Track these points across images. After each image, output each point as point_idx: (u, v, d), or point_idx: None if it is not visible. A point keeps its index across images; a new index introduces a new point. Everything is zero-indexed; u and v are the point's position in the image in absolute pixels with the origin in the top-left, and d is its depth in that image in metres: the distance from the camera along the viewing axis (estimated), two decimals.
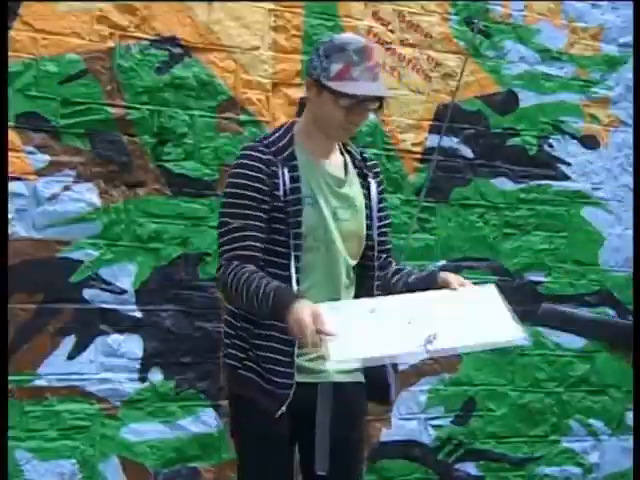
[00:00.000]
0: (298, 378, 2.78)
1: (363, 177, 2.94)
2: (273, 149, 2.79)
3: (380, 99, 2.84)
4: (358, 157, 2.97)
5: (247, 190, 2.75)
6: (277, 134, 2.87)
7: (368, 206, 2.91)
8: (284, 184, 2.76)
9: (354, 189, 2.90)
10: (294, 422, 2.81)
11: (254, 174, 2.76)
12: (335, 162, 2.91)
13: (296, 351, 2.74)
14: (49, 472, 3.90)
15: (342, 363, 2.61)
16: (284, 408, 2.74)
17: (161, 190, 4.10)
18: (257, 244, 2.74)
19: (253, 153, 2.78)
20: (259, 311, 2.68)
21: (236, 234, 2.74)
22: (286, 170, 2.77)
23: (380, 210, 2.96)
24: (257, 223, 2.74)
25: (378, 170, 3.01)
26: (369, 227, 2.90)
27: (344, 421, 2.85)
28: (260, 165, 2.76)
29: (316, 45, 2.85)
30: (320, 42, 2.85)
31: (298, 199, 2.77)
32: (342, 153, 2.94)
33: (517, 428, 4.81)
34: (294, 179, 2.78)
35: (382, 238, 2.95)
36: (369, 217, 2.91)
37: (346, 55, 2.77)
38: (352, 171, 2.93)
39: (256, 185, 2.75)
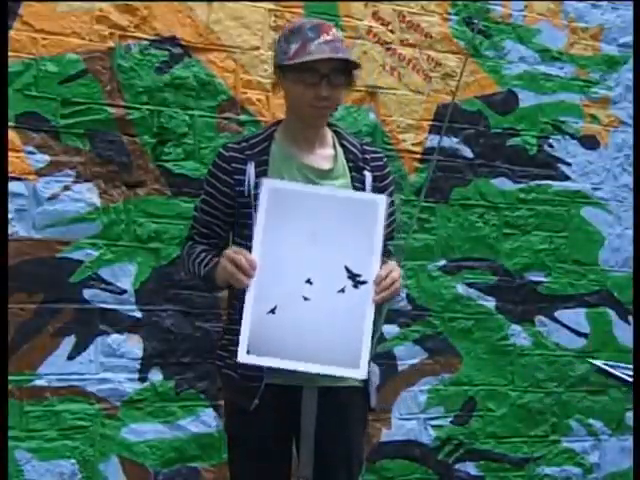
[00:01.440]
0: (281, 381, 2.78)
1: (358, 170, 2.92)
2: (243, 145, 2.90)
3: (344, 71, 2.84)
4: (355, 150, 2.94)
5: (208, 186, 2.94)
6: (259, 131, 3.01)
7: None
8: (249, 179, 2.84)
9: (340, 182, 2.89)
10: (285, 426, 2.82)
11: (215, 171, 2.92)
12: (320, 154, 2.91)
13: None
14: (49, 472, 3.90)
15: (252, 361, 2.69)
16: (257, 401, 2.77)
17: (161, 190, 4.10)
18: (211, 230, 2.91)
19: (220, 151, 2.95)
20: (201, 280, 2.90)
21: (195, 222, 2.98)
22: (252, 165, 2.85)
23: None
24: (215, 213, 2.91)
25: (379, 163, 2.99)
26: None
27: (333, 427, 2.84)
28: (221, 163, 2.91)
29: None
30: (280, 32, 2.95)
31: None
32: (335, 147, 2.94)
33: (517, 428, 4.81)
34: (260, 173, 2.84)
35: None
36: None
37: (302, 34, 2.81)
38: (342, 164, 2.92)
39: (214, 182, 2.91)
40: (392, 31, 4.54)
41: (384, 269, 2.76)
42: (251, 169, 2.85)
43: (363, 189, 2.90)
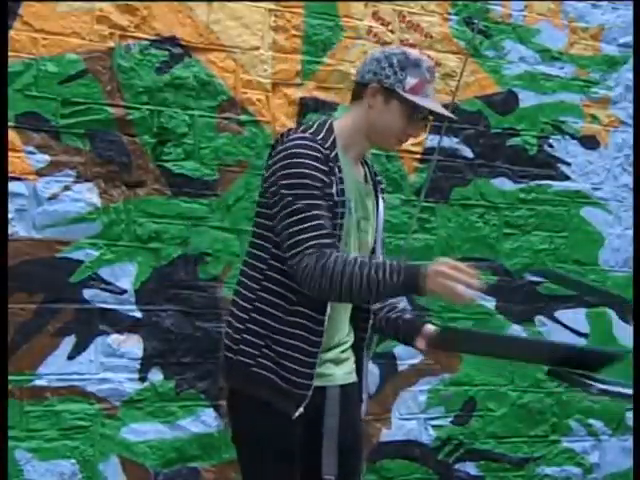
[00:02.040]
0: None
1: (376, 190, 2.94)
2: (326, 146, 2.74)
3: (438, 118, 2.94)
4: (372, 169, 2.96)
5: (314, 180, 2.68)
6: (321, 133, 2.78)
7: (376, 219, 2.91)
8: (336, 183, 2.73)
9: (371, 201, 2.90)
10: (309, 427, 2.80)
11: (317, 164, 2.69)
12: (360, 172, 2.90)
13: (320, 354, 2.73)
14: (49, 472, 3.90)
15: None
16: (302, 409, 2.71)
17: (161, 190, 4.10)
18: (331, 231, 2.68)
19: (313, 144, 2.71)
20: (381, 290, 2.60)
21: (315, 222, 2.65)
22: (337, 170, 2.74)
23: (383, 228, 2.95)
24: (325, 213, 2.68)
25: (383, 187, 3.02)
26: (375, 240, 2.90)
27: (349, 422, 2.85)
28: (321, 157, 2.70)
29: (383, 54, 2.82)
30: (388, 53, 2.83)
31: (344, 201, 2.74)
32: (363, 164, 2.94)
33: (517, 428, 4.81)
34: (342, 180, 2.75)
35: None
36: (376, 230, 2.91)
37: (421, 71, 2.80)
38: (370, 182, 2.92)
39: (319, 176, 2.69)
40: (392, 31, 4.54)
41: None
42: (337, 173, 2.73)
43: (378, 208, 2.91)
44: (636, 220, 4.90)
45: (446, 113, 2.90)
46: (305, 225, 2.64)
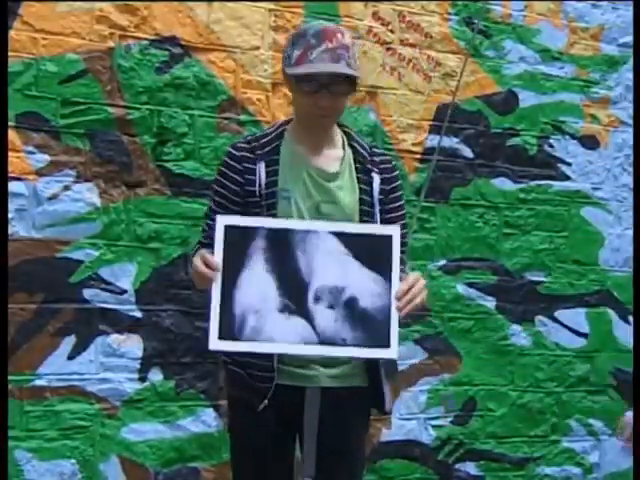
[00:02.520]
0: (286, 381, 2.79)
1: (366, 172, 2.91)
2: (254, 144, 2.86)
3: (347, 81, 2.79)
4: (364, 152, 2.92)
5: (218, 186, 2.91)
6: (269, 130, 2.94)
7: (368, 203, 2.87)
8: (259, 179, 2.81)
9: (346, 184, 2.87)
10: (288, 426, 2.82)
11: (225, 170, 2.88)
12: (328, 155, 2.89)
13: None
14: (49, 472, 3.90)
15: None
16: (266, 402, 2.77)
17: (161, 190, 4.10)
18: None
19: (230, 150, 2.91)
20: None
21: (205, 224, 2.95)
22: (263, 165, 2.82)
23: (386, 207, 2.92)
24: (226, 213, 2.84)
25: (388, 166, 2.96)
26: (365, 223, 2.85)
27: (334, 427, 2.85)
28: (232, 162, 2.87)
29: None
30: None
31: (273, 193, 2.80)
32: (344, 148, 2.92)
33: (517, 428, 4.81)
34: (271, 173, 2.82)
35: None
36: (367, 214, 2.87)
37: (305, 40, 2.77)
38: (350, 165, 2.90)
39: (224, 182, 2.88)
40: (392, 31, 4.54)
41: (405, 282, 2.72)
42: (262, 169, 2.82)
43: (371, 191, 2.88)
44: (636, 220, 4.89)
45: (328, 69, 2.74)
46: (201, 227, 3.01)
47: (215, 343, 2.71)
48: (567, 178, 4.93)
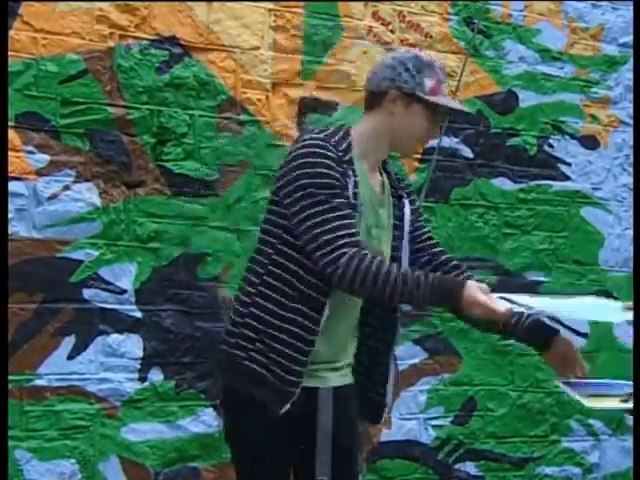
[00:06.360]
0: (306, 383, 2.78)
1: (397, 197, 2.93)
2: (340, 149, 2.75)
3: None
4: (394, 177, 2.96)
5: (331, 179, 2.70)
6: (337, 136, 2.79)
7: (399, 227, 2.90)
8: (351, 186, 2.74)
9: (386, 210, 2.89)
10: (293, 427, 2.81)
11: (332, 164, 2.70)
12: (376, 178, 2.89)
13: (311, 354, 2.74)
14: (49, 472, 3.90)
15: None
16: (288, 406, 2.72)
17: (161, 190, 4.10)
18: (356, 229, 2.73)
19: (326, 145, 2.72)
20: (417, 297, 2.65)
21: (340, 222, 2.67)
22: (351, 173, 2.74)
23: (416, 230, 2.95)
24: (347, 211, 2.69)
25: (411, 190, 3.03)
26: (396, 248, 2.88)
27: (345, 424, 2.85)
28: (335, 157, 2.71)
29: (396, 60, 2.82)
30: (401, 58, 2.83)
31: (356, 205, 2.74)
32: (381, 173, 2.94)
33: (517, 428, 4.81)
34: (356, 184, 2.75)
35: (421, 247, 2.96)
36: (398, 238, 2.90)
37: (435, 72, 2.83)
38: (387, 191, 2.92)
39: (336, 175, 2.70)
40: (392, 31, 4.54)
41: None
42: (351, 176, 2.73)
43: (401, 216, 2.90)
44: (636, 220, 4.90)
45: (465, 109, 3.05)
46: (333, 225, 2.66)
47: None
48: (567, 178, 4.93)
